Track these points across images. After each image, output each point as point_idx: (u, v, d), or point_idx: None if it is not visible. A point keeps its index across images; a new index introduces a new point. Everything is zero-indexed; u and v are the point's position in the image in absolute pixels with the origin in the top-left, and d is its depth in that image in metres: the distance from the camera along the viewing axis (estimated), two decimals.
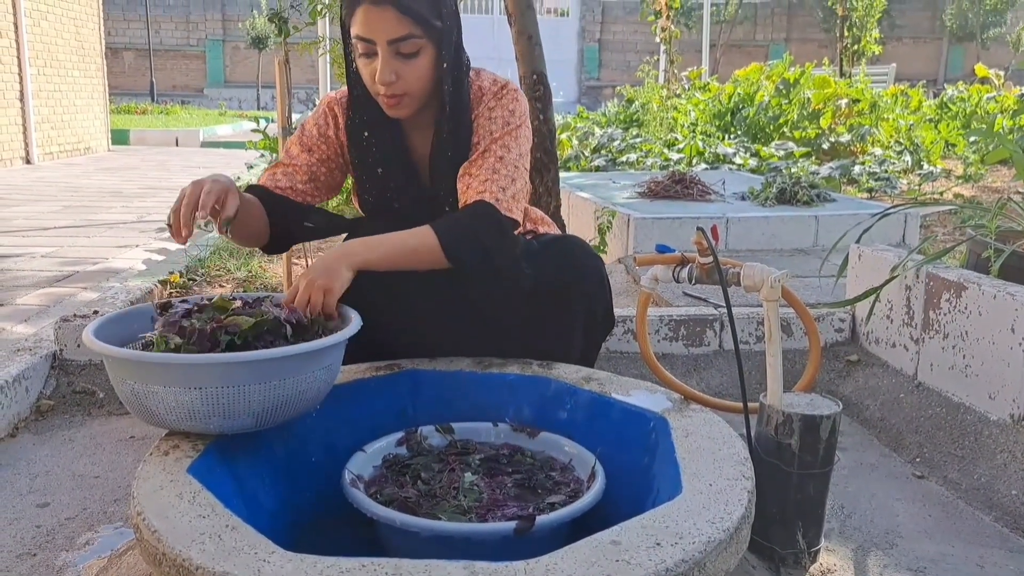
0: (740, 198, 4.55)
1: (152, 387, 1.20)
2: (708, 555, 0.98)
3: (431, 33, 1.47)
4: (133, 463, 1.89)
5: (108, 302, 2.90)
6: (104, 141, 11.20)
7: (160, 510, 1.06)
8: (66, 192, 6.97)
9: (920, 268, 2.15)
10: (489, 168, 1.52)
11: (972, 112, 9.21)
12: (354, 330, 1.34)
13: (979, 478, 1.80)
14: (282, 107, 2.85)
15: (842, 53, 13.46)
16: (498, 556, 0.95)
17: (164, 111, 17.54)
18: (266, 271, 3.65)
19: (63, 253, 4.40)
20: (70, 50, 10.32)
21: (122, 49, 23.50)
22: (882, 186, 5.92)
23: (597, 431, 1.43)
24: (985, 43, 24.06)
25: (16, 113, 9.01)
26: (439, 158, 1.60)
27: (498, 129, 1.55)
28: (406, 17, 1.44)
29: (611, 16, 25.44)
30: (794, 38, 25.39)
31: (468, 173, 1.53)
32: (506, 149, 1.54)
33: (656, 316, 2.45)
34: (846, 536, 1.61)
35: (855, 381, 2.34)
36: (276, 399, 1.23)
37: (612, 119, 9.73)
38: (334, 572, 0.91)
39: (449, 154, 1.58)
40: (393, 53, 1.46)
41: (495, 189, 1.49)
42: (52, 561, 1.49)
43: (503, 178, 1.51)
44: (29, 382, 2.17)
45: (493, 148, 1.53)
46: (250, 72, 23.33)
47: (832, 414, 1.41)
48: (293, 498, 1.35)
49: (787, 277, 1.47)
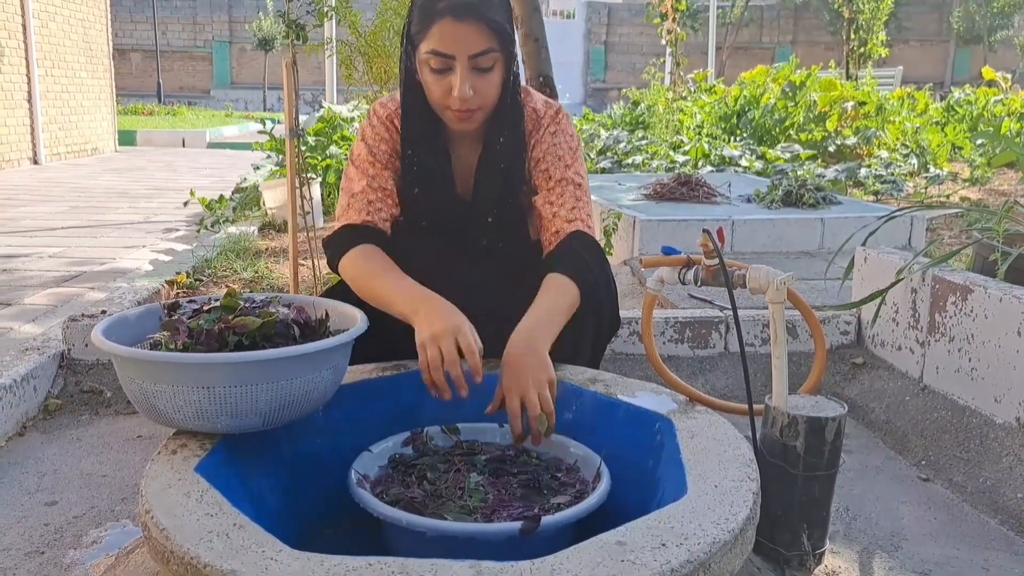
0: (746, 200, 4.54)
1: (160, 386, 1.21)
2: (713, 556, 0.99)
3: (505, 46, 1.45)
4: (141, 462, 1.90)
5: (115, 302, 2.91)
6: (111, 142, 11.24)
7: (168, 508, 1.06)
8: (73, 193, 7.00)
9: (926, 271, 2.15)
10: (572, 196, 1.56)
11: (979, 115, 9.18)
12: (361, 330, 1.34)
13: (985, 481, 1.80)
14: (289, 108, 2.87)
15: (848, 55, 13.45)
16: (504, 556, 0.96)
17: (171, 112, 17.60)
18: (272, 272, 3.66)
19: (70, 253, 4.42)
20: (77, 51, 10.37)
21: (129, 50, 23.59)
22: (888, 189, 5.91)
23: (602, 432, 1.44)
24: (992, 46, 24.00)
25: (24, 114, 9.05)
26: (488, 170, 1.59)
27: (567, 155, 1.58)
28: (489, 30, 1.41)
29: (617, 18, 25.45)
30: (800, 40, 25.35)
31: (550, 202, 1.56)
32: (579, 176, 1.59)
33: (661, 318, 2.45)
34: (851, 538, 1.61)
35: (860, 384, 2.34)
36: (283, 399, 1.24)
37: (618, 121, 9.73)
38: (341, 570, 0.92)
39: (502, 166, 1.58)
40: (471, 68, 1.43)
41: (584, 216, 1.56)
42: (60, 559, 1.50)
43: (586, 205, 1.58)
44: (37, 381, 2.18)
45: (570, 176, 1.57)
46: (256, 73, 23.40)
47: (837, 416, 1.41)
48: (300, 497, 1.35)
49: (792, 279, 1.47)
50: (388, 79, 4.08)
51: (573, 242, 1.54)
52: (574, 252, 1.52)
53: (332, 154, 5.60)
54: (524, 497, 1.29)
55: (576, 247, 1.53)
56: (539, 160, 1.58)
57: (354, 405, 1.47)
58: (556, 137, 1.58)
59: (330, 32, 6.38)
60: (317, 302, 1.47)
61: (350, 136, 5.93)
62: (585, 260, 1.52)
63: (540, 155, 1.58)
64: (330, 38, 5.83)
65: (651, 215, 3.93)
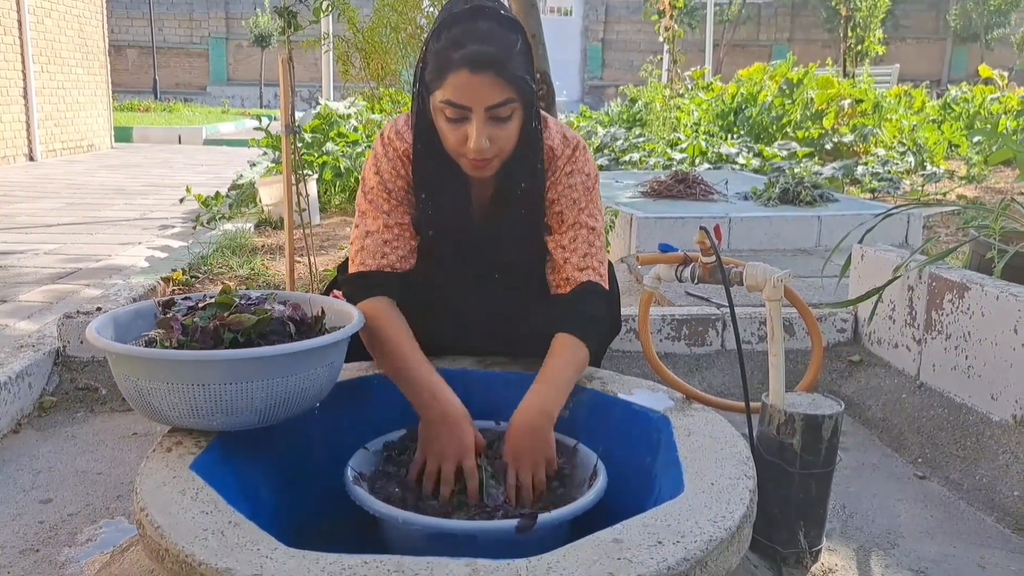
0: (743, 198, 4.54)
1: (155, 383, 1.20)
2: (710, 554, 0.98)
3: (524, 96, 1.40)
4: (136, 459, 1.89)
5: (111, 299, 2.91)
6: (107, 138, 11.21)
7: (163, 506, 1.06)
8: (69, 189, 6.98)
9: (923, 268, 2.15)
10: (585, 242, 1.54)
11: (976, 113, 9.19)
12: (357, 327, 1.34)
13: (981, 479, 1.80)
14: (285, 105, 2.86)
15: (845, 53, 13.43)
16: (500, 554, 0.95)
17: (167, 109, 17.54)
18: (268, 269, 3.65)
19: (66, 250, 4.40)
20: (73, 47, 10.33)
21: (125, 47, 23.51)
22: (885, 187, 5.91)
23: (599, 430, 1.43)
24: (989, 44, 23.99)
25: (19, 110, 9.02)
26: (505, 211, 1.55)
27: (582, 197, 1.55)
28: (507, 83, 1.34)
29: (614, 15, 25.42)
30: (797, 38, 25.34)
31: (562, 246, 1.55)
32: (594, 219, 1.56)
33: (658, 315, 2.45)
34: (848, 536, 1.61)
35: (857, 381, 2.34)
36: (279, 396, 1.23)
37: (615, 119, 9.73)
38: (336, 569, 0.92)
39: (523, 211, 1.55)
40: (488, 118, 1.37)
41: (595, 264, 1.54)
42: (55, 557, 1.49)
43: (599, 251, 1.56)
44: (32, 378, 2.18)
45: (583, 220, 1.55)
46: (253, 70, 23.33)
47: (834, 414, 1.41)
48: (296, 495, 1.35)
49: (789, 277, 1.46)
50: (385, 75, 4.06)
51: (585, 298, 1.52)
52: (585, 311, 1.52)
53: (329, 151, 5.59)
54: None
55: (586, 305, 1.52)
56: (553, 201, 1.55)
57: (351, 402, 1.47)
58: (572, 178, 1.54)
59: (327, 28, 6.37)
60: (313, 299, 1.47)
61: (347, 133, 5.92)
62: (594, 317, 1.52)
63: (555, 196, 1.54)
64: (327, 33, 5.82)
65: (648, 212, 3.93)
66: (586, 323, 1.50)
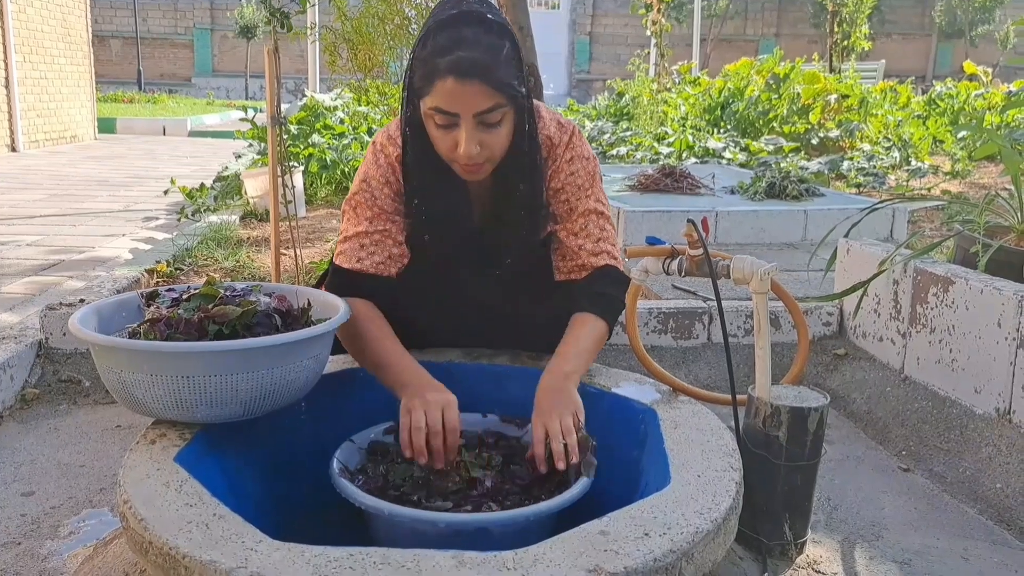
0: (730, 192, 4.56)
1: (139, 375, 1.19)
2: (696, 545, 0.99)
3: (514, 100, 1.38)
4: (119, 452, 1.88)
5: (94, 291, 2.88)
6: (91, 129, 11.10)
7: (147, 498, 1.05)
8: (52, 180, 6.92)
9: (908, 263, 2.16)
10: (597, 227, 1.55)
11: (960, 108, 9.25)
12: (343, 319, 1.33)
13: (964, 471, 1.82)
14: (271, 97, 2.84)
15: (832, 49, 13.49)
16: (486, 546, 0.95)
17: (151, 100, 17.40)
18: (254, 261, 3.63)
19: (49, 242, 4.36)
20: (56, 37, 10.22)
21: (109, 37, 23.28)
22: (870, 181, 5.94)
23: (587, 422, 1.43)
24: (974, 40, 24.14)
25: (1, 100, 8.92)
26: (505, 211, 1.54)
27: (585, 182, 1.55)
28: (494, 89, 1.33)
29: (602, 9, 25.40)
30: (784, 33, 25.41)
31: (574, 233, 1.54)
32: (601, 203, 1.56)
33: (645, 309, 2.45)
34: (832, 528, 1.61)
35: (842, 374, 2.35)
36: (264, 388, 1.23)
37: (602, 112, 9.73)
38: (322, 561, 0.91)
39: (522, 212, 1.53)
40: (477, 124, 1.35)
41: (609, 248, 1.55)
42: (37, 550, 1.48)
43: (610, 234, 1.57)
44: (14, 370, 2.15)
45: (592, 205, 1.55)
46: (238, 61, 23.16)
47: (820, 407, 1.41)
48: (282, 487, 1.34)
49: (776, 270, 1.47)
50: (372, 67, 4.04)
51: (602, 279, 1.53)
52: (603, 291, 1.52)
53: (314, 143, 5.56)
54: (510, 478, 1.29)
55: (604, 286, 1.53)
56: (558, 191, 1.54)
57: (336, 394, 1.46)
58: (573, 164, 1.54)
59: (313, 19, 6.33)
60: (299, 291, 1.46)
61: (333, 125, 5.89)
62: (613, 297, 1.53)
63: (559, 185, 1.54)
64: (313, 24, 5.78)
65: (636, 206, 3.94)
66: (604, 302, 1.51)
